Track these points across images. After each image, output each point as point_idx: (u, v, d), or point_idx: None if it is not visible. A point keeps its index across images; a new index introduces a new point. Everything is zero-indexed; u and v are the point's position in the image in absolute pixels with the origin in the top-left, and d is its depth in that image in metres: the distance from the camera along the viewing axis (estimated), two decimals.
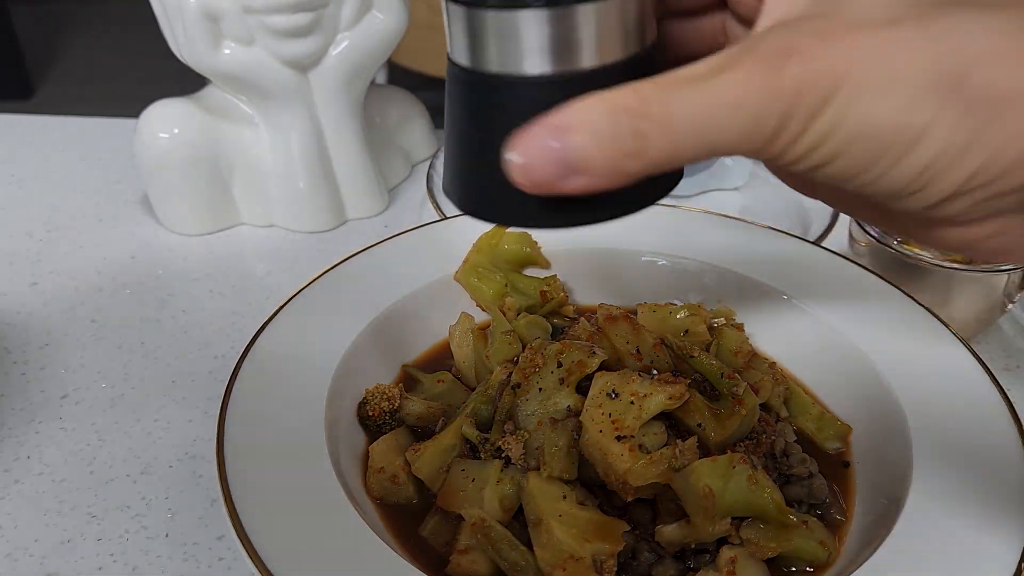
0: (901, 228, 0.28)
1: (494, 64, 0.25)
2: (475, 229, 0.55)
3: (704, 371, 0.43)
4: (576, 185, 0.24)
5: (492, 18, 0.25)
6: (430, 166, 0.72)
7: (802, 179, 0.31)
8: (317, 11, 0.61)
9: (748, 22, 0.29)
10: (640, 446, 0.39)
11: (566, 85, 0.25)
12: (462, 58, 0.26)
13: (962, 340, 0.46)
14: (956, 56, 0.21)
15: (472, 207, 0.29)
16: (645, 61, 0.26)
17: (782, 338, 0.52)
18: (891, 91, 0.22)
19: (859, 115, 0.22)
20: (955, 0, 0.23)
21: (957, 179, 0.23)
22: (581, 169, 0.24)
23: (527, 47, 0.24)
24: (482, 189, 0.28)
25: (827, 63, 0.22)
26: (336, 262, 0.53)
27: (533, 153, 0.24)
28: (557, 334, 0.50)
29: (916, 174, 0.23)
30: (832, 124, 0.22)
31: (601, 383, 0.40)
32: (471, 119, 0.27)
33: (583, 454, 0.39)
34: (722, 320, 0.50)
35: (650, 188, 0.28)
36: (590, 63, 0.25)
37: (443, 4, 0.26)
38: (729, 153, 0.23)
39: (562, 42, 0.24)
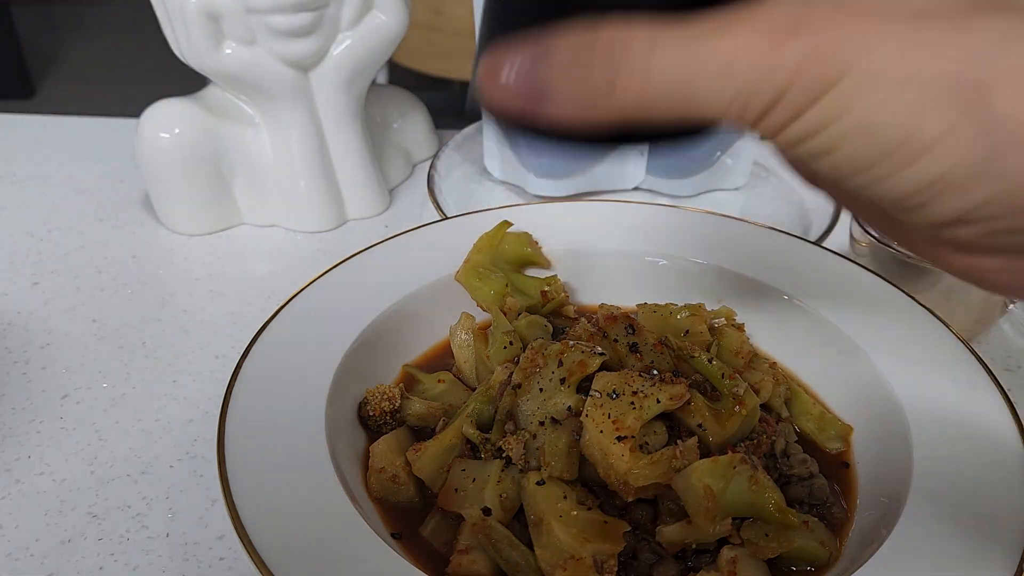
0: (906, 240, 0.26)
1: None
2: (476, 229, 0.55)
3: (705, 371, 0.43)
4: (542, 111, 0.23)
5: None
6: (431, 166, 0.72)
7: (803, 165, 0.29)
8: (318, 11, 0.61)
9: None
10: (641, 446, 0.39)
11: None
12: None
13: (963, 340, 0.46)
14: (983, 65, 0.19)
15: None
16: None
17: (782, 338, 0.52)
18: (904, 89, 0.19)
19: (864, 109, 0.20)
20: (1001, 4, 0.20)
21: (963, 205, 0.20)
22: (549, 95, 0.22)
23: None
24: None
25: (837, 44, 0.20)
26: (336, 262, 0.53)
27: (501, 67, 0.23)
28: (558, 334, 0.50)
29: (920, 187, 0.20)
30: (830, 114, 0.20)
31: (602, 383, 0.40)
32: (513, 15, 0.25)
33: (584, 454, 0.39)
34: (722, 320, 0.50)
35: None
36: None
37: None
38: (709, 116, 0.21)
39: None
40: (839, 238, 0.62)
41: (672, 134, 0.25)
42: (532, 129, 0.25)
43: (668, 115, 0.21)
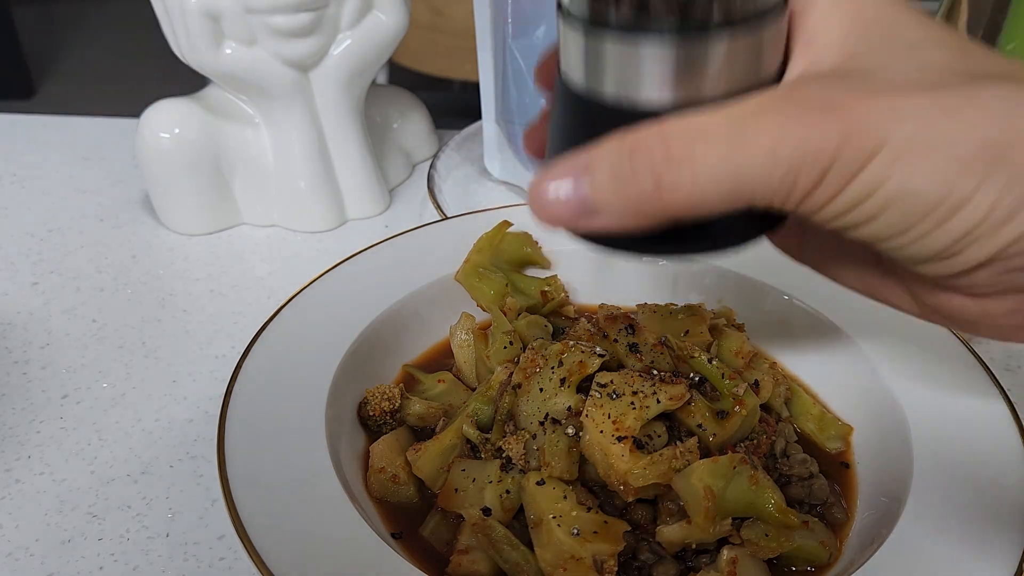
0: (912, 297, 0.28)
1: (610, 88, 0.24)
2: (476, 229, 0.55)
3: (705, 372, 0.43)
4: (594, 225, 0.24)
5: (612, 43, 0.23)
6: (431, 166, 0.72)
7: (796, 243, 0.32)
8: (318, 11, 0.61)
9: None
10: (641, 446, 0.39)
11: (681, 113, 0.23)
12: (577, 77, 0.25)
13: (962, 340, 0.46)
14: (1001, 127, 0.21)
15: None
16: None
17: (782, 338, 0.52)
18: (936, 157, 0.21)
19: (901, 179, 0.22)
20: (992, 74, 0.23)
21: (992, 248, 0.22)
22: (597, 209, 0.24)
23: (645, 75, 0.23)
24: None
25: (870, 121, 0.21)
26: (336, 262, 0.53)
27: (547, 193, 0.24)
28: (558, 334, 0.50)
29: (953, 240, 0.22)
30: (872, 185, 0.22)
31: (602, 383, 0.40)
32: (578, 138, 0.26)
33: (584, 454, 0.39)
34: (722, 320, 0.50)
35: (731, 228, 0.26)
36: (712, 92, 0.24)
37: (558, 20, 0.25)
38: (759, 203, 0.23)
39: (683, 71, 0.23)
40: None
41: (713, 246, 0.26)
42: (593, 239, 0.26)
43: (720, 207, 0.23)
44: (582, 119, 0.26)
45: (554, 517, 0.37)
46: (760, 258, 0.54)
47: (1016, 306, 0.25)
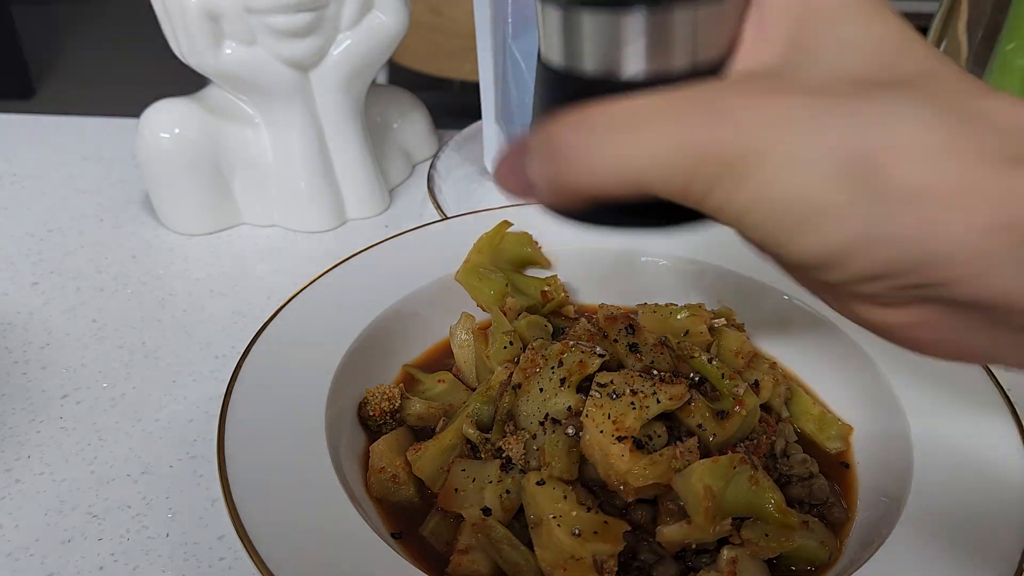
0: (831, 298, 0.27)
1: (589, 65, 0.25)
2: (476, 229, 0.55)
3: (705, 371, 0.43)
4: (538, 200, 0.26)
5: (589, 19, 0.25)
6: (431, 166, 0.72)
7: None
8: (318, 11, 0.61)
9: None
10: (641, 446, 0.38)
11: (658, 86, 0.24)
12: (557, 57, 0.26)
13: None
14: (870, 140, 0.21)
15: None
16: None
17: (782, 338, 0.52)
18: (800, 168, 0.21)
19: (762, 187, 0.21)
20: (902, 81, 0.22)
21: (862, 267, 0.22)
22: (535, 189, 0.25)
23: (622, 48, 0.24)
24: None
25: (737, 128, 0.21)
26: (336, 262, 0.53)
27: (504, 167, 0.26)
28: (558, 334, 0.50)
29: (824, 253, 0.22)
30: (733, 191, 0.22)
31: (602, 383, 0.40)
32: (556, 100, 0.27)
33: (584, 454, 0.39)
34: (722, 320, 0.50)
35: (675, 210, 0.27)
36: (682, 64, 0.25)
37: (536, 7, 0.27)
38: (663, 197, 0.23)
39: (658, 44, 0.24)
40: None
41: (680, 219, 0.26)
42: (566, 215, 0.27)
43: (628, 195, 0.23)
44: (563, 97, 0.27)
45: (554, 517, 0.37)
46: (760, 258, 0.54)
47: (918, 319, 0.24)
